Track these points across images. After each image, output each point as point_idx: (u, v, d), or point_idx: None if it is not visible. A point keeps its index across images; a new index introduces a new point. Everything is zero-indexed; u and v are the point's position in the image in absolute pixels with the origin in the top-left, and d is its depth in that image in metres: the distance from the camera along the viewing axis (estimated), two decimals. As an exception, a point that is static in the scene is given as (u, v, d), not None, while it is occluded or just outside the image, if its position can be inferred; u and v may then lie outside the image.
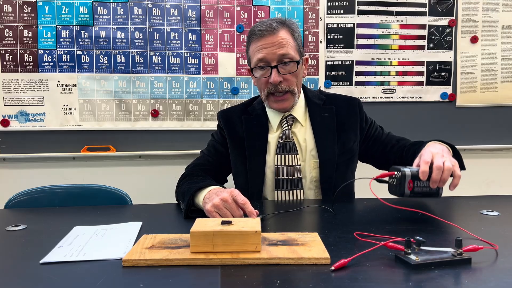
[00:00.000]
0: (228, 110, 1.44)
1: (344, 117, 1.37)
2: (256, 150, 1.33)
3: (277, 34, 1.25)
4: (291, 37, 1.28)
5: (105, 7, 1.94)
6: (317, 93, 1.44)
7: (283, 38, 1.25)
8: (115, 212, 1.16)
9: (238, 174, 1.38)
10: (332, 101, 1.39)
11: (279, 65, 1.25)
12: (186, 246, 0.78)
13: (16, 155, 1.97)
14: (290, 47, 1.26)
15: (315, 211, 1.12)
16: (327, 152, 1.32)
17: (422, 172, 0.97)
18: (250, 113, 1.39)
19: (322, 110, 1.37)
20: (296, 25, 1.33)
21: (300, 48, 1.31)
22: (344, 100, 1.41)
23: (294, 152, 1.32)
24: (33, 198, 1.39)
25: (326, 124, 1.35)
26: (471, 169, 2.25)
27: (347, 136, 1.36)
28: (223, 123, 1.39)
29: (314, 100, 1.39)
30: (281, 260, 0.73)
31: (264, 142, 1.33)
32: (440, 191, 1.00)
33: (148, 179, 2.07)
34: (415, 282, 0.65)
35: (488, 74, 2.16)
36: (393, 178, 1.01)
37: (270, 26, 1.26)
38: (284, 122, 1.35)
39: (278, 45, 1.25)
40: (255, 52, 1.28)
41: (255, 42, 1.28)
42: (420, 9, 2.11)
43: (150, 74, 2.01)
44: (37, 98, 1.96)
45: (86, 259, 0.76)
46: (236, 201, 0.99)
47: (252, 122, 1.37)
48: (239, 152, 1.35)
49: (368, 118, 1.44)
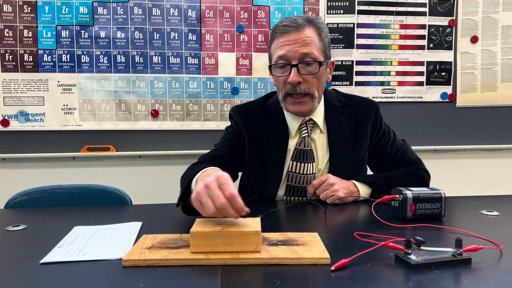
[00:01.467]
0: (245, 106, 1.35)
1: (360, 123, 1.29)
2: (275, 157, 1.26)
3: (302, 31, 1.17)
4: (317, 36, 1.19)
5: (105, 7, 1.94)
6: (334, 94, 1.36)
7: (307, 37, 1.17)
8: (115, 212, 1.16)
9: (253, 176, 1.30)
10: (351, 104, 1.31)
11: (299, 64, 1.17)
12: (186, 246, 0.78)
13: (16, 155, 1.97)
14: (314, 46, 1.17)
15: (315, 211, 1.12)
16: (340, 162, 1.26)
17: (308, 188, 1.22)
18: (267, 113, 1.30)
19: (340, 114, 1.29)
20: (325, 25, 1.24)
21: (326, 49, 1.23)
22: (362, 104, 1.33)
23: (311, 160, 1.26)
24: (33, 198, 1.39)
25: (343, 131, 1.28)
26: (471, 169, 2.26)
27: (360, 144, 1.30)
28: (241, 120, 1.30)
29: (333, 102, 1.31)
30: (281, 260, 0.73)
31: (284, 148, 1.26)
32: (442, 213, 1.00)
33: (148, 179, 2.07)
34: (415, 282, 0.65)
35: (488, 74, 2.16)
36: (395, 201, 1.02)
37: (295, 22, 1.17)
38: (304, 127, 1.27)
39: (301, 43, 1.16)
40: (276, 49, 1.20)
41: (278, 38, 1.20)
42: (420, 9, 2.11)
43: (150, 74, 2.01)
44: (37, 98, 1.96)
45: (86, 259, 0.76)
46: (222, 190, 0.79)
47: (272, 124, 1.28)
48: (257, 155, 1.28)
49: (383, 127, 1.35)
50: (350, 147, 1.27)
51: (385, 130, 1.35)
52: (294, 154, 1.26)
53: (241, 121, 1.30)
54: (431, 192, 1.00)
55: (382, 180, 1.25)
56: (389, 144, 1.34)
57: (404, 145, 1.36)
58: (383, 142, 1.34)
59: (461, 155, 2.22)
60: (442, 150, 2.20)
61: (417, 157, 1.36)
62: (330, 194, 1.17)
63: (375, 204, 1.05)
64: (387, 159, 1.34)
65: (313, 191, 1.22)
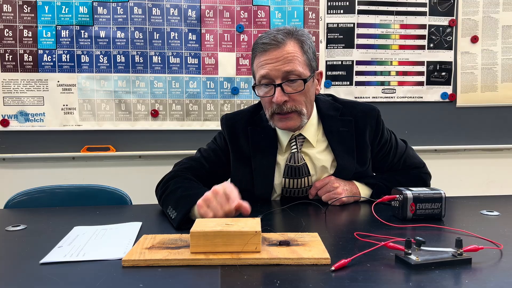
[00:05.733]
0: (234, 117, 1.29)
1: (361, 131, 1.24)
2: (263, 171, 1.22)
3: (283, 47, 1.10)
4: (300, 50, 1.13)
5: (105, 7, 1.94)
6: (330, 102, 1.29)
7: (289, 53, 1.10)
8: (115, 212, 1.16)
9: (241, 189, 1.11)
10: (350, 111, 1.25)
11: (284, 82, 1.11)
12: (186, 246, 0.78)
13: (16, 155, 1.97)
14: (297, 62, 1.11)
15: (315, 211, 1.12)
16: (345, 173, 1.23)
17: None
18: (257, 124, 1.25)
19: (339, 123, 1.23)
20: (308, 36, 1.17)
21: (311, 62, 1.16)
22: (361, 111, 1.25)
23: (306, 174, 1.22)
24: (33, 198, 1.39)
25: (345, 141, 1.23)
26: (471, 169, 2.26)
27: (363, 152, 1.25)
28: (227, 133, 1.27)
29: (329, 112, 1.25)
30: (281, 260, 0.73)
31: (273, 161, 1.22)
32: (442, 213, 1.00)
33: (148, 179, 2.05)
34: (415, 282, 0.64)
35: (488, 74, 2.16)
36: (395, 201, 1.02)
37: (275, 39, 1.11)
38: (293, 142, 1.22)
39: (283, 61, 1.10)
40: (258, 68, 1.14)
41: (258, 56, 1.14)
42: (420, 9, 2.11)
43: (150, 74, 2.01)
44: (37, 98, 1.96)
45: (86, 259, 0.76)
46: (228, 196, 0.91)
47: (259, 136, 1.23)
48: (244, 168, 1.24)
49: (385, 134, 1.29)
50: (354, 157, 1.23)
51: (387, 137, 1.30)
52: (286, 171, 1.22)
53: (227, 134, 1.27)
54: (431, 192, 1.00)
55: (384, 182, 1.24)
56: (391, 151, 1.30)
57: (406, 150, 1.33)
58: (386, 150, 1.30)
59: (461, 155, 2.22)
60: (442, 150, 2.20)
61: (420, 160, 1.34)
62: (333, 196, 1.17)
63: (375, 204, 1.05)
64: (390, 166, 1.32)
65: (315, 192, 1.22)
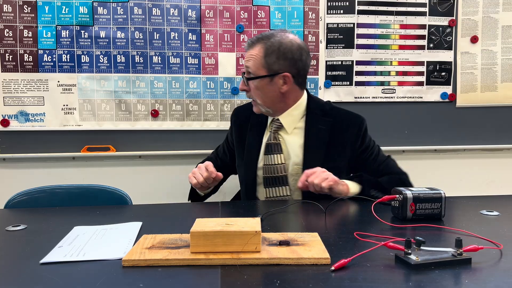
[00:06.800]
0: (243, 107, 1.56)
1: (339, 133, 1.39)
2: (250, 151, 1.44)
3: (250, 49, 1.37)
4: (262, 53, 1.34)
5: (105, 7, 1.94)
6: (321, 103, 1.46)
7: (251, 54, 1.36)
8: (115, 212, 1.16)
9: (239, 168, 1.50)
10: (333, 114, 1.41)
11: (244, 75, 1.40)
12: (186, 246, 0.78)
13: (16, 155, 1.97)
14: (254, 62, 1.35)
15: (315, 211, 1.12)
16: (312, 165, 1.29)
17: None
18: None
19: (319, 121, 1.40)
20: (278, 43, 1.34)
21: (273, 65, 1.34)
22: (346, 116, 1.42)
23: (279, 151, 1.40)
24: (33, 198, 1.39)
25: (319, 136, 1.38)
26: (471, 169, 2.26)
27: (337, 152, 1.38)
28: (233, 121, 1.53)
29: (315, 111, 1.42)
30: (281, 260, 0.73)
31: (260, 141, 1.44)
32: (442, 213, 1.00)
33: (148, 179, 2.07)
34: (415, 282, 0.65)
35: (488, 74, 2.16)
36: (395, 201, 1.02)
37: (251, 40, 1.39)
38: (273, 125, 1.43)
39: (247, 59, 1.38)
40: None
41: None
42: (420, 9, 2.11)
43: (150, 74, 2.01)
44: (37, 98, 1.96)
45: (86, 259, 0.76)
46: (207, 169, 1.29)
47: (257, 120, 1.47)
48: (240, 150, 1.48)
49: (366, 141, 1.42)
50: (323, 152, 1.37)
51: (369, 144, 1.42)
52: (266, 149, 1.41)
53: (233, 122, 1.54)
54: (431, 192, 1.00)
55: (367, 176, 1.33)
56: (371, 157, 1.41)
57: (387, 159, 1.43)
58: (366, 155, 1.41)
59: (461, 155, 2.22)
60: (442, 150, 2.20)
61: (402, 170, 1.41)
62: (325, 177, 1.20)
63: (375, 204, 1.05)
64: (371, 171, 1.38)
65: (305, 178, 1.23)
